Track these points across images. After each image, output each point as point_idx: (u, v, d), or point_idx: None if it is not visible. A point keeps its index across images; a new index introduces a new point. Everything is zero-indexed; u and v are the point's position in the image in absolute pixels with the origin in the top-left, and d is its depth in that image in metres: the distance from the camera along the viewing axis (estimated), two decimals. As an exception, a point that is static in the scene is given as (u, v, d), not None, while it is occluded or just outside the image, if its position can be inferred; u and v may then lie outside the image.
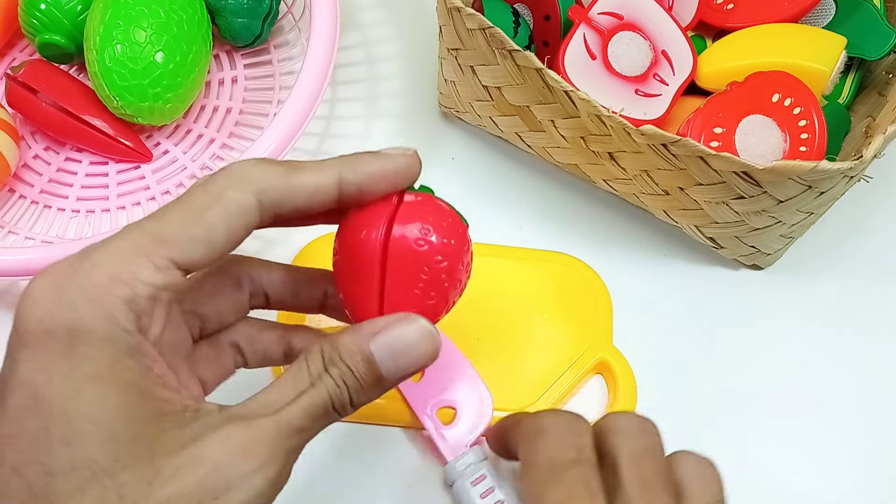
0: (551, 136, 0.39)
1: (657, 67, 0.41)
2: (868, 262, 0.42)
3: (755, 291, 0.41)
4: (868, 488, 0.36)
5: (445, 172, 0.45)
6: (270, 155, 0.37)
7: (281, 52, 0.48)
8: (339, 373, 0.24)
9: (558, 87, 0.35)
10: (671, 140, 0.34)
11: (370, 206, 0.25)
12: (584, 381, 0.38)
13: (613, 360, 0.37)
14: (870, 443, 0.37)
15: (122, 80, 0.40)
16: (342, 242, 0.26)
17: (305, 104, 0.38)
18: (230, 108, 0.46)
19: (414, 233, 0.25)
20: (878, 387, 0.39)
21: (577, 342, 0.38)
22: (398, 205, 0.25)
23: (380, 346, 0.24)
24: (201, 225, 0.23)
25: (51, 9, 0.42)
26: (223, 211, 0.23)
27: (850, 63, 0.42)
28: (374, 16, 0.51)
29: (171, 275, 0.22)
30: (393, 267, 0.25)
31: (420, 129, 0.46)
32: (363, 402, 0.25)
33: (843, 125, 0.41)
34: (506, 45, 0.36)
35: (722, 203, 0.36)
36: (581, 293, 0.39)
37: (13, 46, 0.49)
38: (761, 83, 0.38)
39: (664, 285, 0.41)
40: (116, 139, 0.43)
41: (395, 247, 0.25)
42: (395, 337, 0.24)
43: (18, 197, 0.44)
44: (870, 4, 0.42)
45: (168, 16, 0.41)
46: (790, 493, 0.36)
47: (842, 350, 0.40)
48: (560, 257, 0.41)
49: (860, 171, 0.33)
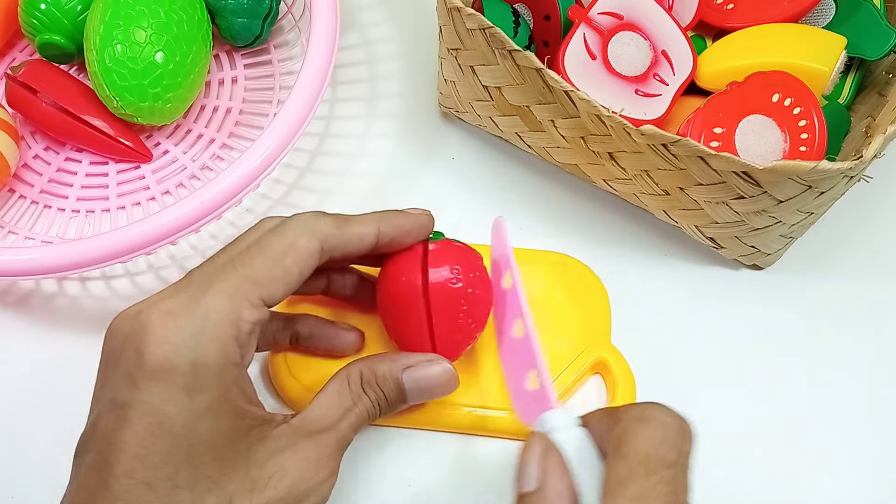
0: (551, 136, 0.39)
1: (657, 67, 0.41)
2: (868, 262, 0.42)
3: (755, 291, 0.41)
4: (868, 488, 0.36)
5: (445, 172, 0.45)
6: (270, 154, 0.37)
7: (281, 52, 0.48)
8: (375, 396, 0.31)
9: (558, 87, 0.35)
10: (671, 140, 0.34)
11: (402, 256, 0.32)
12: (582, 380, 0.38)
13: (612, 359, 0.37)
14: (870, 443, 0.37)
15: (122, 80, 0.40)
16: (386, 287, 0.32)
17: (305, 104, 0.38)
18: (230, 108, 0.46)
19: (447, 275, 0.31)
20: (878, 387, 0.39)
21: (576, 342, 0.38)
22: (424, 254, 0.32)
23: (410, 379, 0.31)
24: (281, 269, 0.28)
25: (51, 9, 0.42)
26: (298, 256, 0.28)
27: (850, 63, 0.42)
28: (374, 16, 0.51)
29: (263, 311, 0.28)
30: (437, 306, 0.31)
31: (420, 129, 0.46)
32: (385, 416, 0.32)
33: (843, 125, 0.41)
34: (506, 45, 0.36)
35: (722, 203, 0.36)
36: (578, 292, 0.39)
37: (13, 46, 0.49)
38: (761, 83, 0.38)
39: (664, 285, 0.41)
40: (116, 139, 0.43)
41: (435, 290, 0.31)
42: (423, 374, 0.31)
43: (18, 197, 0.44)
44: (870, 4, 0.42)
45: (168, 16, 0.41)
46: (790, 493, 0.36)
47: (842, 350, 0.40)
48: (557, 257, 0.40)
49: (860, 171, 0.33)
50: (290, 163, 0.45)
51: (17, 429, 0.38)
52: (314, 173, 0.45)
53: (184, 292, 0.27)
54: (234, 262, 0.28)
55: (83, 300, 0.41)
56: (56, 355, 0.39)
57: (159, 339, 0.25)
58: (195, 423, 0.25)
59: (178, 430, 0.25)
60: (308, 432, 0.28)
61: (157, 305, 0.26)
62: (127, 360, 0.26)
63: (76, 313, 0.41)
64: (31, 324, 0.41)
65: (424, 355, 0.32)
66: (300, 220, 0.29)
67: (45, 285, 0.42)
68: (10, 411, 0.38)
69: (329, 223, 0.29)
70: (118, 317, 0.27)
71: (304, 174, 0.45)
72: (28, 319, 0.41)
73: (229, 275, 0.27)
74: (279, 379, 0.37)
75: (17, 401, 0.38)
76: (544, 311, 0.38)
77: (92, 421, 0.27)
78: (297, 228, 0.29)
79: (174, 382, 0.25)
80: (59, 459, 0.37)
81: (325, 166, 0.45)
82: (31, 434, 0.38)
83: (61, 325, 0.40)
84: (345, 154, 0.46)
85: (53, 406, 0.38)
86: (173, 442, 0.25)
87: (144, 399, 0.25)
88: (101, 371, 0.27)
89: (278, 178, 0.45)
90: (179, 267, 0.42)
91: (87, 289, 0.42)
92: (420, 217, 0.32)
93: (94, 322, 0.41)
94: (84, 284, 0.42)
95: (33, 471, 0.37)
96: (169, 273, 0.42)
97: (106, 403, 0.26)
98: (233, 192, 0.36)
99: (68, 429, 0.37)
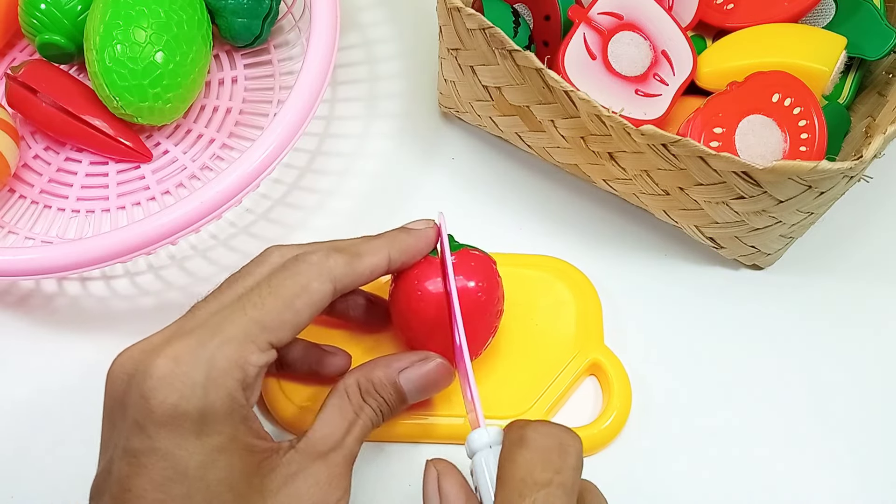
0: (551, 136, 0.39)
1: (657, 67, 0.41)
2: (868, 262, 0.42)
3: (755, 291, 0.41)
4: (868, 488, 0.36)
5: (445, 172, 0.45)
6: (270, 154, 0.37)
7: (281, 52, 0.48)
8: (376, 403, 0.31)
9: (558, 87, 0.35)
10: (671, 140, 0.34)
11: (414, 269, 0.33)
12: (577, 383, 0.38)
13: (606, 360, 0.37)
14: (870, 443, 0.37)
15: (122, 80, 0.40)
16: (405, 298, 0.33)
17: (305, 104, 0.38)
18: (230, 108, 0.46)
19: (471, 285, 0.33)
20: (878, 387, 0.39)
21: (569, 345, 0.38)
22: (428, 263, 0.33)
23: (407, 380, 0.31)
24: (291, 311, 0.28)
25: (51, 9, 0.42)
26: (309, 299, 0.28)
27: (850, 63, 0.42)
28: (374, 16, 0.51)
29: (270, 354, 0.28)
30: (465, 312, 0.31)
31: (420, 129, 0.46)
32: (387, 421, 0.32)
33: (843, 125, 0.41)
34: (506, 45, 0.36)
35: (722, 203, 0.36)
36: (569, 295, 0.39)
37: (13, 46, 0.49)
38: (761, 83, 0.38)
39: (664, 285, 0.41)
40: (116, 139, 0.43)
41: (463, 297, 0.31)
42: (419, 374, 0.32)
43: (18, 197, 0.44)
44: (870, 4, 0.42)
45: (168, 16, 0.41)
46: (790, 493, 0.36)
47: (842, 350, 0.40)
48: (545, 261, 0.40)
49: (860, 171, 0.33)
50: (290, 163, 0.45)
51: (18, 429, 0.38)
52: (314, 173, 0.45)
53: (190, 336, 0.26)
54: (243, 302, 0.27)
55: (83, 300, 0.41)
56: (56, 355, 0.39)
57: (166, 388, 0.25)
58: (209, 464, 0.25)
59: (193, 473, 0.25)
60: (316, 454, 0.28)
61: (163, 350, 0.26)
62: (134, 408, 0.25)
63: (76, 313, 0.41)
64: (31, 324, 0.41)
65: (416, 354, 0.32)
66: (312, 259, 0.29)
67: (45, 285, 0.42)
68: (11, 411, 0.38)
69: (341, 262, 0.29)
70: (121, 357, 0.27)
71: (304, 174, 0.45)
72: (28, 319, 0.41)
73: (237, 318, 0.27)
74: (273, 402, 0.36)
75: (17, 401, 0.38)
76: (536, 315, 0.38)
77: (105, 466, 0.27)
78: (309, 270, 0.28)
79: (184, 427, 0.25)
80: (59, 459, 0.37)
81: (325, 166, 0.45)
82: (32, 434, 0.38)
83: (61, 325, 0.40)
84: (345, 154, 0.46)
85: (53, 406, 0.38)
86: (190, 485, 0.25)
87: (157, 446, 0.25)
88: (108, 415, 0.27)
89: (278, 178, 0.45)
90: (179, 267, 0.42)
91: (87, 289, 0.42)
92: (426, 233, 0.33)
93: (94, 322, 0.41)
94: (84, 284, 0.42)
95: (33, 471, 0.37)
96: (169, 273, 0.42)
97: (117, 451, 0.26)
98: (233, 192, 0.36)
99: (68, 429, 0.38)
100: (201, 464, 0.25)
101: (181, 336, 0.27)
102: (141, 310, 0.41)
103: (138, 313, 0.41)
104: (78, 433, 0.37)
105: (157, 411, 0.25)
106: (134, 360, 0.26)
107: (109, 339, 0.39)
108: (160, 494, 0.25)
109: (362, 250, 0.30)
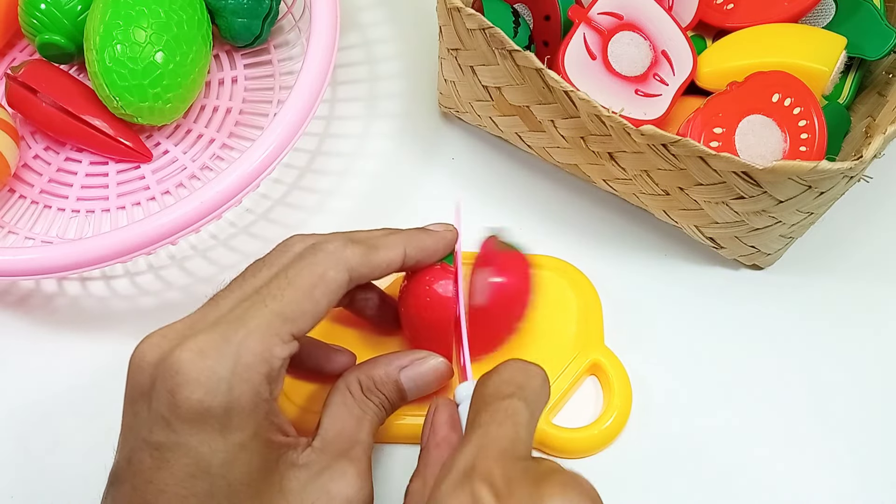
0: (551, 136, 0.39)
1: (657, 67, 0.41)
2: (868, 262, 0.42)
3: (755, 291, 0.41)
4: (868, 488, 0.36)
5: (445, 172, 0.45)
6: (270, 154, 0.37)
7: (281, 52, 0.48)
8: (378, 400, 0.31)
9: (558, 87, 0.35)
10: (671, 140, 0.34)
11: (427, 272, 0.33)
12: (578, 383, 0.38)
13: (606, 360, 0.37)
14: (870, 443, 0.37)
15: (122, 80, 0.40)
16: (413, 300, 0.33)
17: (305, 104, 0.38)
18: (230, 108, 0.46)
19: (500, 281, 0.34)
20: (878, 387, 0.39)
21: (570, 346, 0.38)
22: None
23: (407, 378, 0.32)
24: (310, 301, 0.28)
25: (51, 9, 0.42)
26: (327, 289, 0.28)
27: (850, 63, 0.42)
28: (374, 16, 0.51)
29: (293, 345, 0.28)
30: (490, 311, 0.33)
31: (420, 129, 0.46)
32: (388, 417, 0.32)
33: (843, 125, 0.41)
34: (506, 45, 0.36)
35: (722, 203, 0.36)
36: (570, 296, 0.39)
37: (13, 46, 0.49)
38: (761, 83, 0.38)
39: (664, 285, 0.41)
40: (116, 139, 0.43)
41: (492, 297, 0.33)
42: (418, 372, 0.32)
43: (18, 197, 0.44)
44: (870, 4, 0.42)
45: (168, 16, 0.41)
46: (790, 493, 0.36)
47: (842, 350, 0.40)
48: (545, 261, 0.40)
49: (860, 171, 0.33)
50: (290, 163, 0.45)
51: (18, 429, 0.38)
52: (314, 173, 0.45)
53: (214, 329, 0.26)
54: (263, 294, 0.28)
55: (83, 300, 0.41)
56: (56, 355, 0.39)
57: (192, 383, 0.25)
58: (232, 462, 0.26)
59: (215, 471, 0.25)
60: (338, 451, 0.29)
61: (187, 342, 0.26)
62: (159, 401, 0.25)
63: (76, 313, 0.41)
64: (31, 324, 0.41)
65: (416, 353, 0.33)
66: (328, 248, 0.29)
67: (45, 285, 0.42)
68: (11, 411, 0.38)
69: (357, 253, 0.29)
70: (143, 344, 0.27)
71: (304, 174, 0.45)
72: (28, 319, 0.41)
73: (259, 310, 0.27)
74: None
75: (17, 401, 0.38)
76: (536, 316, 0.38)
77: (125, 456, 0.26)
78: (326, 259, 0.29)
79: (209, 424, 0.25)
80: (59, 459, 0.37)
81: (325, 166, 0.45)
82: (32, 434, 0.38)
83: (61, 325, 0.40)
84: (345, 154, 0.46)
85: (53, 406, 0.38)
86: (213, 482, 0.25)
87: (181, 441, 0.25)
88: (129, 403, 0.27)
89: (278, 178, 0.45)
90: (179, 267, 0.42)
91: (87, 289, 0.42)
92: (445, 235, 0.33)
93: (94, 322, 0.41)
94: (84, 284, 0.42)
95: (33, 471, 0.37)
96: (169, 273, 0.42)
97: (139, 442, 0.26)
98: (233, 192, 0.36)
99: (68, 429, 0.38)
100: (224, 461, 0.25)
101: (205, 328, 0.27)
102: (141, 310, 0.41)
103: (138, 313, 0.41)
104: (78, 433, 0.37)
105: (182, 406, 0.25)
106: (158, 349, 0.26)
107: (109, 339, 0.40)
108: (182, 490, 0.25)
109: (379, 244, 0.31)
